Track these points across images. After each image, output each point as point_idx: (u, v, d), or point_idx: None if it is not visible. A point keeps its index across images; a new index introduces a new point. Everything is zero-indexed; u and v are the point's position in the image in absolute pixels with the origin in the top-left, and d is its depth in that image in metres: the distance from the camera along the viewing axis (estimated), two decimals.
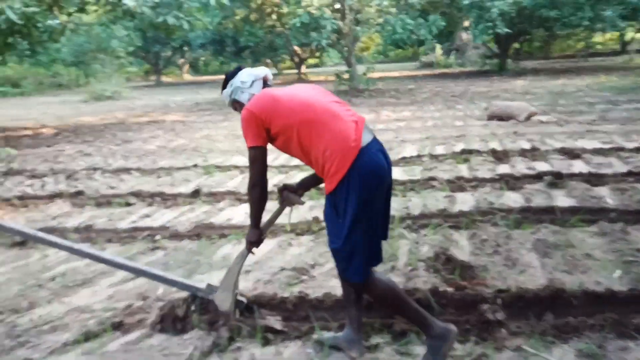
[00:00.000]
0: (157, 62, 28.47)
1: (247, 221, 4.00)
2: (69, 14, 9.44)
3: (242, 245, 3.51)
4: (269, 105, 1.98)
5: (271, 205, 2.46)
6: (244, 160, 6.47)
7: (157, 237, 3.83)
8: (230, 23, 18.66)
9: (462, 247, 3.27)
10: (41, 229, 4.11)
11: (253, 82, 2.14)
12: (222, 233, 3.82)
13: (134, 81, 28.39)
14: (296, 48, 23.65)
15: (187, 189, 5.18)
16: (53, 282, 3.13)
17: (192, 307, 2.47)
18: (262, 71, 2.19)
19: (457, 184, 4.64)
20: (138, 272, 2.67)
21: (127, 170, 6.17)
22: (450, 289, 2.61)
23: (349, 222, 1.86)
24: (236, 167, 6.03)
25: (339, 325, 2.33)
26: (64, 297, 2.90)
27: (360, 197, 1.84)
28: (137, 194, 5.03)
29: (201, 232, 3.88)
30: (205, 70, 38.57)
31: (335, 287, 2.72)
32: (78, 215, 4.57)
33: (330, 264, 3.09)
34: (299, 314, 2.52)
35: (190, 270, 3.22)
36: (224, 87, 2.21)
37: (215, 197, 4.81)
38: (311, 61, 32.15)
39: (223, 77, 2.23)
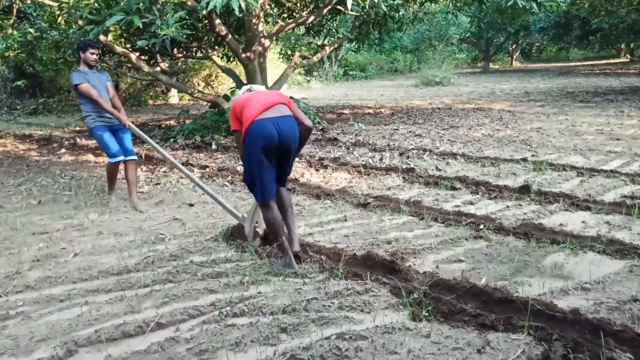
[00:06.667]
0: (487, 48, 28.13)
1: (585, 232, 3.58)
2: (421, 4, 10.24)
3: (578, 257, 3.15)
4: (236, 102, 3.22)
5: None
6: (583, 161, 5.71)
7: (481, 226, 3.80)
8: (585, 2, 16.37)
9: None
10: (377, 197, 4.73)
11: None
12: (553, 238, 3.48)
13: (460, 68, 29.04)
14: None
15: (514, 182, 4.94)
16: (388, 245, 3.53)
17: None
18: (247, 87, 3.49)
19: None
20: (207, 193, 4.05)
21: (453, 155, 6.36)
22: None
23: (245, 164, 3.15)
24: (573, 167, 5.37)
25: None
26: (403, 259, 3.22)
27: (249, 150, 3.03)
28: (463, 180, 5.12)
29: (529, 231, 3.63)
30: (536, 57, 35.93)
31: None
32: (408, 190, 5.00)
33: None
34: None
35: (516, 269, 3.06)
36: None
37: (545, 197, 4.42)
38: None
39: (558, 64, 2.00)
